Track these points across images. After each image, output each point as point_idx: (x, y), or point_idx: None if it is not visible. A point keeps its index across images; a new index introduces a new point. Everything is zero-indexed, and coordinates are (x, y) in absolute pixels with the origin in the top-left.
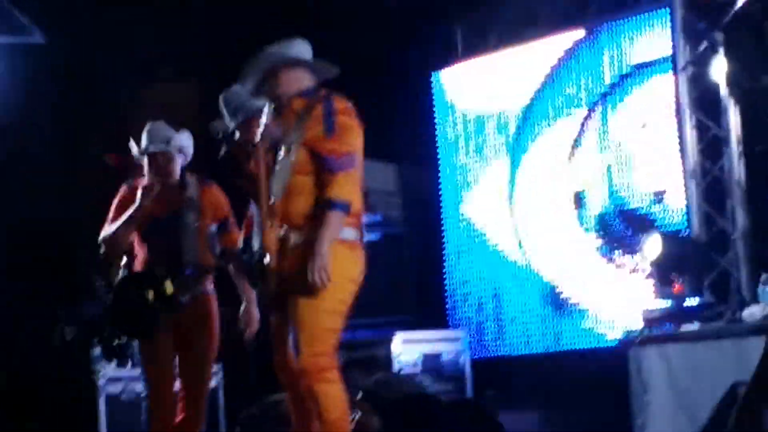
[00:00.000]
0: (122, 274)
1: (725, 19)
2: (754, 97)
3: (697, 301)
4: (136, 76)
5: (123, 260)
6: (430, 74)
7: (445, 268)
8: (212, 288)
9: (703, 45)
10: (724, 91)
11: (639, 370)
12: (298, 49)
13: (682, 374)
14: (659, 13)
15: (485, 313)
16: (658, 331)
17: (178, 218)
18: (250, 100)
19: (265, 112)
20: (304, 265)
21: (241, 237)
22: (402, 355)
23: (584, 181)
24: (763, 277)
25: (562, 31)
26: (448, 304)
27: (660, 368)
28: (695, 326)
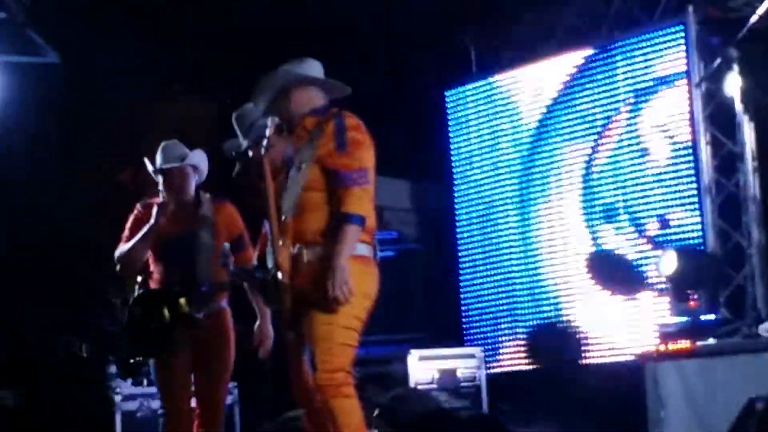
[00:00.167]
0: (138, 292)
1: (739, 35)
2: None
3: (713, 316)
4: (150, 96)
5: (138, 278)
6: (445, 92)
7: (461, 284)
8: (227, 305)
9: (718, 61)
10: (739, 106)
11: (655, 386)
12: (310, 68)
13: (698, 389)
14: (673, 30)
15: (501, 329)
16: (673, 346)
17: (192, 236)
18: (263, 118)
19: (269, 125)
20: (318, 282)
21: (255, 254)
22: (418, 372)
23: (601, 197)
24: None
25: (576, 49)
26: (464, 320)
27: (676, 383)
28: (711, 342)
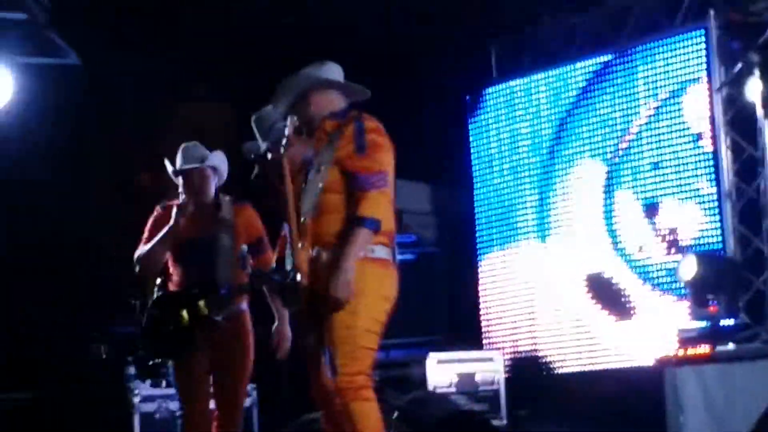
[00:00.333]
0: (157, 294)
1: (761, 40)
2: None
3: (732, 321)
4: (170, 98)
5: (158, 280)
6: (465, 95)
7: (480, 288)
8: (247, 307)
9: (739, 66)
10: (760, 111)
11: (675, 391)
12: (331, 72)
13: (717, 395)
14: (694, 34)
15: (519, 333)
16: (693, 351)
17: (212, 238)
18: (282, 121)
19: (287, 125)
20: None
21: (274, 257)
22: (436, 375)
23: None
24: None
25: (597, 54)
26: (483, 323)
27: (696, 389)
28: (731, 347)
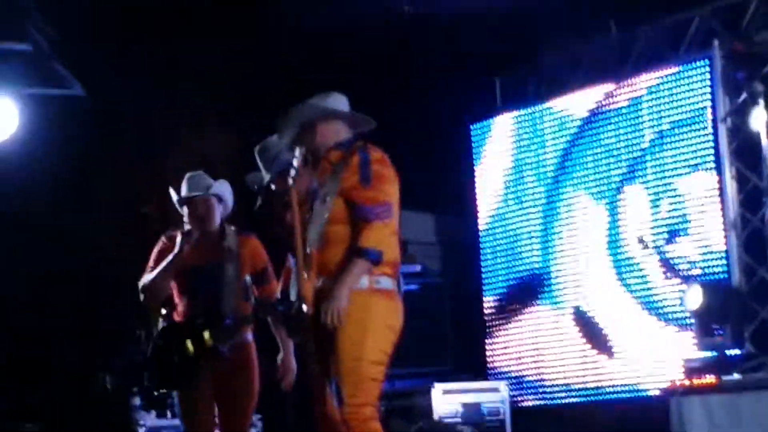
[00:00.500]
0: (162, 324)
1: (765, 70)
2: None
3: (738, 351)
4: (174, 129)
5: (163, 310)
6: (470, 125)
7: (485, 318)
8: (252, 338)
9: (743, 95)
10: (765, 141)
11: (680, 421)
12: (336, 102)
13: (723, 424)
14: (699, 64)
15: (525, 363)
16: (699, 381)
17: (217, 268)
18: (286, 151)
19: (296, 156)
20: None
21: (279, 287)
22: (442, 405)
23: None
24: None
25: (601, 83)
26: (488, 353)
27: (701, 419)
28: (736, 377)
